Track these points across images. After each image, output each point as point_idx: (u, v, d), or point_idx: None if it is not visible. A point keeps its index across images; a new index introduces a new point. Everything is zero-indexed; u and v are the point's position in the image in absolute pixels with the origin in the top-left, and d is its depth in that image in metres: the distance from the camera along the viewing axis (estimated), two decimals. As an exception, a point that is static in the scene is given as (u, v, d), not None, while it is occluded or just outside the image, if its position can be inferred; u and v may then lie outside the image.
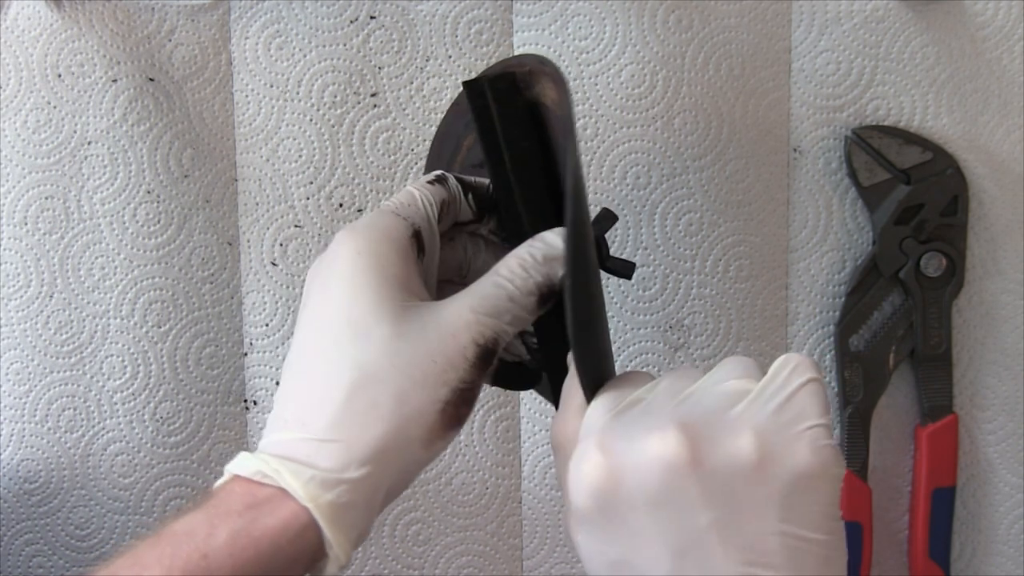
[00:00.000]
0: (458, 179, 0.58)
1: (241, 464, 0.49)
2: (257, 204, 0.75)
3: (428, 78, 0.74)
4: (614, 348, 0.77)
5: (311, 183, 0.75)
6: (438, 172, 0.57)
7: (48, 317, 0.75)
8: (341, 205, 0.75)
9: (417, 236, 0.54)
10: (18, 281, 0.74)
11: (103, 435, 0.76)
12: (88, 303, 0.75)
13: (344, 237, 0.53)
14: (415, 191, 0.56)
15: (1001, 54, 0.74)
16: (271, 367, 0.76)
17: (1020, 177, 0.75)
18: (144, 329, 0.75)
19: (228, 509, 0.48)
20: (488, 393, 0.77)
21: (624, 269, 0.58)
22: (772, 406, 0.46)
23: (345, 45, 0.74)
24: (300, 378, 0.51)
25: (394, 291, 0.51)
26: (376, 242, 0.52)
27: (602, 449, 0.46)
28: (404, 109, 0.74)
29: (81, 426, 0.76)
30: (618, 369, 0.77)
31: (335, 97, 0.74)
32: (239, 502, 0.48)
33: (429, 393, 0.50)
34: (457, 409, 0.50)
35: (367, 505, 0.49)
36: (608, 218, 0.59)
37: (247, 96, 0.74)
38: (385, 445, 0.49)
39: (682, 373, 0.50)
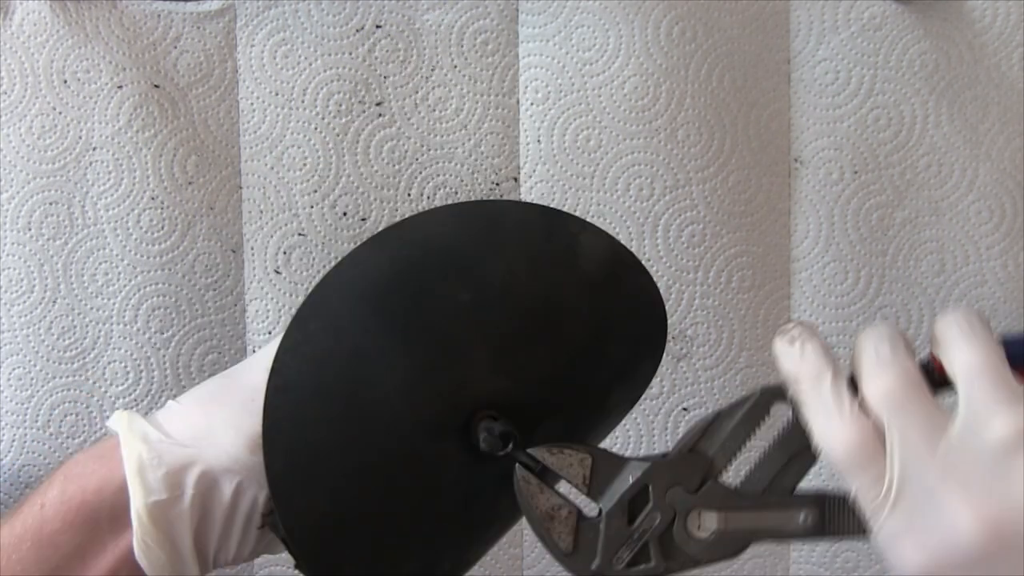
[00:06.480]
0: None
1: (112, 418, 0.54)
2: (261, 212, 0.75)
3: (433, 88, 0.75)
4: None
5: (315, 191, 0.75)
6: None
7: (51, 323, 0.74)
8: (345, 214, 0.75)
9: None
10: (21, 286, 0.74)
11: (103, 444, 0.76)
12: (91, 309, 0.75)
13: None
14: None
15: (1000, 60, 0.75)
16: (273, 375, 0.76)
17: (1021, 184, 0.75)
18: (147, 335, 0.75)
19: (76, 459, 0.52)
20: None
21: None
22: None
23: (351, 54, 0.74)
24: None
25: None
26: None
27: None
28: (409, 118, 0.75)
29: (83, 432, 0.75)
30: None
31: (340, 106, 0.75)
32: (90, 453, 0.52)
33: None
34: None
35: (173, 474, 0.51)
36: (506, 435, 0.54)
37: (252, 104, 0.75)
38: (208, 430, 0.52)
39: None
